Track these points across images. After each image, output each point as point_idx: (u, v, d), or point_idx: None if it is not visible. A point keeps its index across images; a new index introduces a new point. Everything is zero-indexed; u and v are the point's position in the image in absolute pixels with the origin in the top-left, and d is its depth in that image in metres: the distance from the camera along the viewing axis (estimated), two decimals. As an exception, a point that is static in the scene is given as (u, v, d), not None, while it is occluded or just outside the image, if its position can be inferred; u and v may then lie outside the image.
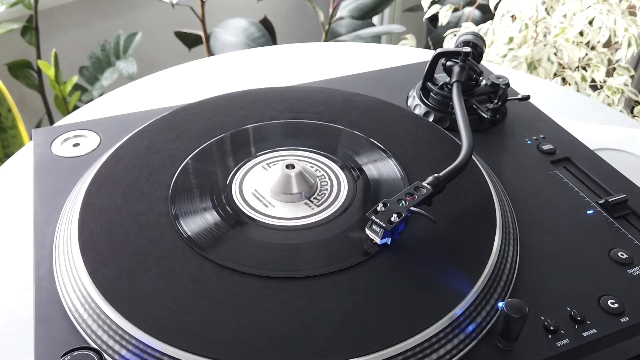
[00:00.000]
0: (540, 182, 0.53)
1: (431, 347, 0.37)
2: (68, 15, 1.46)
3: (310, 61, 0.89)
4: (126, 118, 0.59)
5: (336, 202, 0.47)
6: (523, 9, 1.14)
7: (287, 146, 0.53)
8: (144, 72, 0.92)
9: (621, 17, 1.09)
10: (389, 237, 0.42)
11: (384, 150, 0.53)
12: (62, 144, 0.56)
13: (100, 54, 1.43)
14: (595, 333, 0.40)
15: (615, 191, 0.52)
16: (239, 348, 0.36)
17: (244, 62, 0.88)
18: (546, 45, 1.14)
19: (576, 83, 1.15)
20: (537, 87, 0.85)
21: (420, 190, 0.44)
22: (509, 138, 0.59)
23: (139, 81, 0.82)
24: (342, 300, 0.39)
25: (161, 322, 0.37)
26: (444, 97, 0.61)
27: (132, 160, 0.50)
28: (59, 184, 0.51)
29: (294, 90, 0.62)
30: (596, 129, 0.71)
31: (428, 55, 0.64)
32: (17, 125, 1.03)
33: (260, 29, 1.43)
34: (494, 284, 0.41)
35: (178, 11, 1.46)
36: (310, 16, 1.64)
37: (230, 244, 0.43)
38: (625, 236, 0.48)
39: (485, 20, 1.28)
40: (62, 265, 0.42)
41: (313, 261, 0.42)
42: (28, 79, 1.39)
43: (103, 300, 0.38)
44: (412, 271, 0.41)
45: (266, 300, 0.39)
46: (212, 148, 0.53)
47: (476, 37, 0.62)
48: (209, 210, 0.46)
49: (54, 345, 0.38)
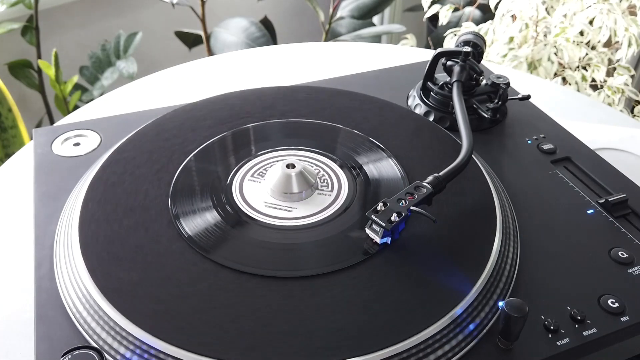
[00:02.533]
0: (540, 181, 0.53)
1: (431, 347, 0.37)
2: (68, 15, 1.46)
3: (311, 61, 0.89)
4: (126, 118, 0.60)
5: (336, 201, 0.47)
6: (523, 9, 1.14)
7: (288, 146, 0.53)
8: (144, 72, 0.92)
9: (621, 16, 1.09)
10: (388, 237, 0.42)
11: (384, 149, 0.53)
12: (63, 143, 0.56)
13: (101, 53, 1.43)
14: (596, 332, 0.40)
15: (616, 191, 0.52)
16: (239, 347, 0.36)
17: (244, 62, 0.88)
18: (546, 45, 1.14)
19: (576, 83, 1.15)
20: (537, 86, 0.85)
21: (420, 190, 0.44)
22: (509, 138, 0.59)
23: (139, 81, 0.82)
24: (341, 299, 0.39)
25: (161, 321, 0.37)
26: (444, 97, 0.61)
27: (132, 160, 0.50)
28: (59, 183, 0.51)
29: (294, 89, 0.62)
30: (596, 129, 0.71)
31: (428, 55, 0.64)
32: (17, 125, 1.03)
33: (261, 29, 1.44)
34: (494, 284, 0.41)
35: (178, 11, 1.46)
36: (311, 16, 1.64)
37: (230, 243, 0.43)
38: (626, 236, 0.48)
39: (486, 20, 1.28)
40: (63, 264, 0.42)
41: (313, 261, 0.42)
42: (28, 78, 1.39)
43: (103, 300, 0.38)
44: (412, 270, 0.41)
45: (266, 300, 0.39)
46: (212, 147, 0.53)
47: (476, 37, 0.62)
48: (209, 210, 0.46)
49: (54, 345, 0.38)
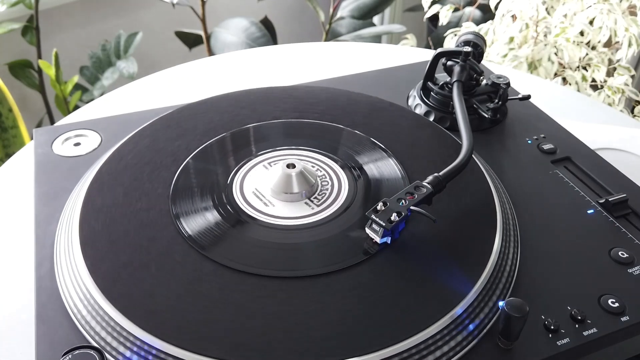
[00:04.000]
0: (540, 181, 0.53)
1: (432, 347, 0.37)
2: (69, 15, 1.46)
3: (311, 61, 0.89)
4: (127, 118, 0.60)
5: (337, 201, 0.47)
6: (523, 9, 1.14)
7: (288, 145, 0.53)
8: (145, 72, 0.92)
9: (622, 16, 1.09)
10: (388, 236, 0.42)
11: (385, 149, 0.53)
12: (63, 143, 0.56)
13: (101, 53, 1.43)
14: (596, 332, 0.40)
15: (616, 191, 0.52)
16: (239, 347, 0.36)
17: (244, 62, 0.88)
18: (547, 45, 1.14)
19: (577, 83, 1.15)
20: (537, 86, 0.85)
21: (420, 190, 0.44)
22: (509, 138, 0.59)
23: (139, 81, 0.82)
24: (341, 299, 0.39)
25: (162, 321, 0.37)
26: (444, 97, 0.61)
27: (133, 160, 0.50)
28: (59, 183, 0.51)
29: (294, 89, 0.62)
30: (596, 129, 0.71)
31: (428, 55, 0.64)
32: (17, 124, 1.03)
33: (261, 29, 1.44)
34: (494, 283, 0.41)
35: (178, 11, 1.47)
36: (311, 16, 1.64)
37: (230, 243, 0.43)
38: (626, 236, 0.48)
39: (486, 20, 1.28)
40: (63, 264, 0.42)
41: (313, 261, 0.42)
42: (29, 78, 1.39)
43: (104, 299, 0.38)
44: (412, 270, 0.41)
45: (266, 300, 0.39)
46: (213, 147, 0.53)
47: (477, 37, 0.62)
48: (210, 209, 0.46)
49: (55, 345, 0.38)
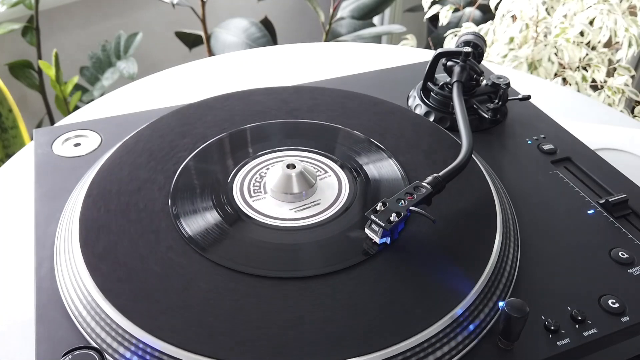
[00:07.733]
0: (540, 182, 0.53)
1: (432, 347, 0.37)
2: (69, 16, 1.46)
3: (311, 61, 0.89)
4: (127, 118, 0.60)
5: (336, 202, 0.47)
6: (524, 9, 1.14)
7: (288, 146, 0.53)
8: (145, 72, 0.92)
9: (622, 17, 1.09)
10: (388, 237, 0.42)
11: (384, 150, 0.53)
12: (63, 144, 0.56)
13: (101, 54, 1.43)
14: (596, 333, 0.40)
15: (616, 191, 0.52)
16: (239, 347, 0.36)
17: (244, 62, 0.88)
18: (547, 45, 1.14)
19: (577, 83, 1.15)
20: (537, 87, 0.85)
21: (419, 190, 0.44)
22: (509, 138, 0.59)
23: (139, 81, 0.82)
24: (341, 300, 0.39)
25: (162, 322, 0.37)
26: (444, 97, 0.61)
27: (133, 160, 0.50)
28: (60, 183, 0.51)
29: (294, 90, 0.62)
30: (597, 129, 0.71)
31: (428, 56, 0.64)
32: (18, 125, 1.03)
33: (261, 29, 1.44)
34: (494, 284, 0.41)
35: (179, 11, 1.47)
36: (311, 16, 1.64)
37: (230, 243, 0.43)
38: (626, 236, 0.48)
39: (486, 21, 1.28)
40: (63, 265, 0.42)
41: (313, 261, 0.42)
42: (29, 79, 1.39)
43: (104, 300, 0.38)
44: (412, 271, 0.41)
45: (265, 300, 0.39)
46: (213, 148, 0.53)
47: (477, 37, 0.62)
48: (209, 210, 0.46)
49: (55, 345, 0.38)
